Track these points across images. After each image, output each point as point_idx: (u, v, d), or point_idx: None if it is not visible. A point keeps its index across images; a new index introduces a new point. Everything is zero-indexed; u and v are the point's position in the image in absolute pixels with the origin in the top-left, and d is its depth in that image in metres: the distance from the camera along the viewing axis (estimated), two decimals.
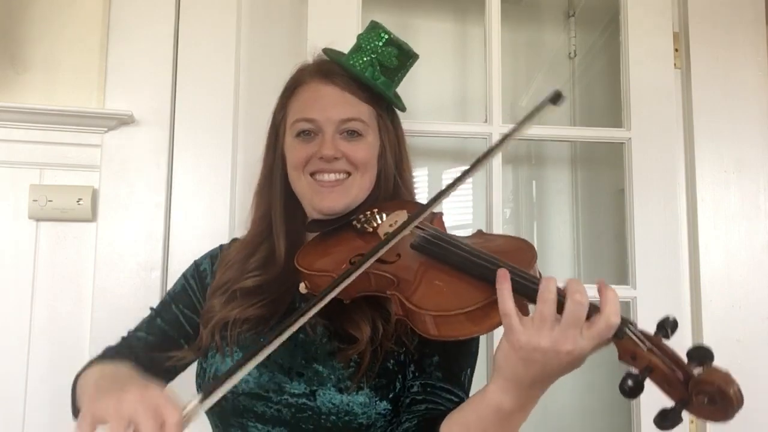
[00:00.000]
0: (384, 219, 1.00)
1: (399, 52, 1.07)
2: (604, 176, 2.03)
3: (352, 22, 1.54)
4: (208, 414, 1.00)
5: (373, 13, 1.55)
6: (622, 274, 1.67)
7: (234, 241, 1.16)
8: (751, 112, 1.71)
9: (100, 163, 1.52)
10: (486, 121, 1.62)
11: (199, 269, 1.12)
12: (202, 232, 1.53)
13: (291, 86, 1.09)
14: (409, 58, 1.09)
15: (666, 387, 0.68)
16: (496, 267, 0.77)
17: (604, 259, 2.00)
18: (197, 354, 1.02)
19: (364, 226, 1.00)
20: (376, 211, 1.02)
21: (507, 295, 0.72)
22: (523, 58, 2.13)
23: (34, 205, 1.47)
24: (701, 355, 0.68)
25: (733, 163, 1.69)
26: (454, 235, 0.94)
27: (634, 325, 0.71)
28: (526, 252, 0.85)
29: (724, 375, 0.65)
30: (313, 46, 1.15)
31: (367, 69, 1.05)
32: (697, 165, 1.68)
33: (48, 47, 1.55)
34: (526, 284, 0.74)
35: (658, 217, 1.62)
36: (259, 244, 1.06)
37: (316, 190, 1.02)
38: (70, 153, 1.51)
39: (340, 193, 1.02)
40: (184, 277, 1.12)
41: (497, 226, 1.57)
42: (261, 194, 1.11)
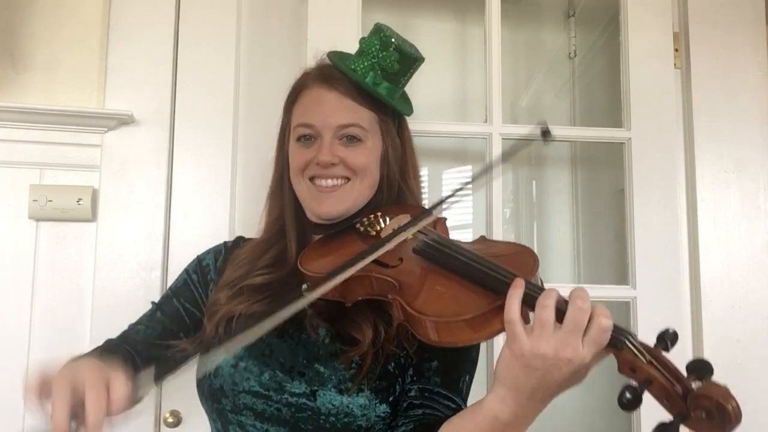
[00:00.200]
0: (387, 223, 1.00)
1: (400, 56, 1.06)
2: (604, 176, 2.03)
3: (352, 23, 1.54)
4: (207, 411, 1.00)
5: (373, 13, 1.55)
6: (622, 274, 1.67)
7: (239, 239, 1.17)
8: (751, 112, 1.71)
9: (100, 163, 1.52)
10: (486, 121, 1.62)
11: (201, 264, 1.12)
12: (202, 232, 1.53)
13: (295, 90, 1.10)
14: (413, 61, 1.08)
15: (664, 401, 0.68)
16: (498, 274, 0.77)
17: (604, 259, 2.00)
18: (198, 347, 1.02)
19: (368, 230, 1.00)
20: (380, 214, 1.02)
21: (515, 303, 0.71)
22: (523, 58, 2.13)
23: (34, 205, 1.47)
24: (701, 369, 0.68)
25: (733, 163, 1.69)
26: (457, 240, 0.94)
27: (633, 336, 0.70)
28: (528, 259, 0.85)
29: (723, 390, 0.64)
30: (315, 48, 1.15)
31: (368, 74, 1.05)
32: (697, 165, 1.68)
33: (48, 47, 1.55)
34: (529, 292, 0.73)
35: (658, 217, 1.62)
36: (271, 246, 1.07)
37: (314, 195, 1.03)
38: (70, 153, 1.51)
39: (338, 199, 1.02)
40: (186, 271, 1.12)
41: (497, 226, 1.57)
42: (273, 197, 1.12)
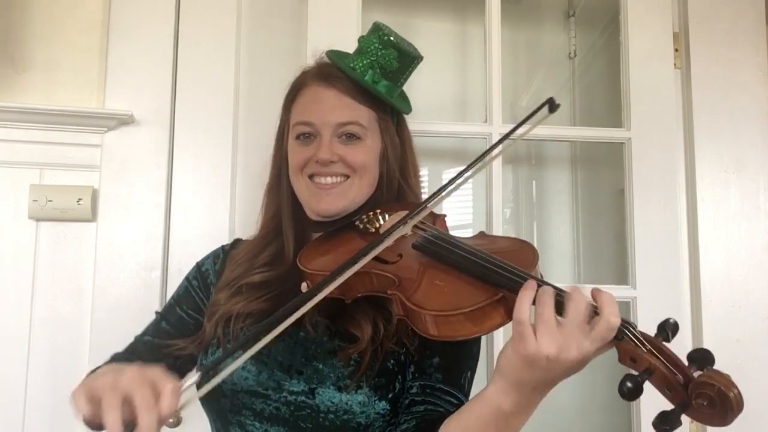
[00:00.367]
0: (386, 220, 1.00)
1: (399, 54, 1.07)
2: (604, 176, 2.03)
3: (352, 22, 1.54)
4: (207, 411, 1.00)
5: (373, 13, 1.55)
6: (622, 274, 1.67)
7: (237, 241, 1.17)
8: (751, 112, 1.71)
9: (100, 163, 1.52)
10: (486, 121, 1.62)
11: (201, 270, 1.12)
12: (202, 232, 1.53)
13: (294, 89, 1.10)
14: (412, 59, 1.09)
15: (666, 390, 0.68)
16: (497, 267, 0.77)
17: (604, 259, 2.00)
18: (198, 347, 1.02)
19: (367, 227, 1.00)
20: (379, 212, 1.02)
21: (526, 303, 0.71)
22: (523, 58, 2.13)
23: (34, 205, 1.47)
24: (702, 358, 0.68)
25: (733, 163, 1.69)
26: (457, 236, 0.94)
27: (634, 326, 0.71)
28: (528, 253, 0.85)
29: (725, 378, 0.64)
30: (314, 48, 1.15)
31: (366, 72, 1.05)
32: (697, 165, 1.68)
33: (48, 47, 1.55)
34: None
35: (658, 217, 1.62)
36: (268, 243, 1.08)
37: (313, 193, 1.03)
38: (70, 153, 1.51)
39: (337, 196, 1.03)
40: (187, 279, 1.13)
41: (497, 226, 1.57)
42: (270, 195, 1.12)
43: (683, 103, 1.72)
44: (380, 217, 1.01)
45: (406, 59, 1.08)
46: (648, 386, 0.68)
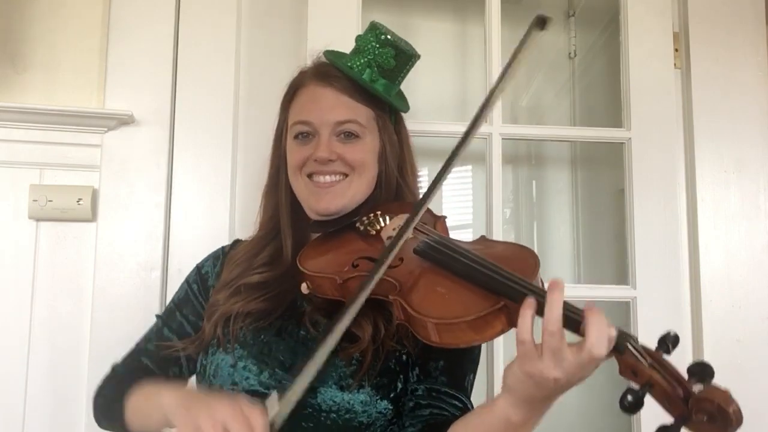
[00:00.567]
0: (387, 222, 1.00)
1: (396, 52, 1.07)
2: (604, 176, 2.03)
3: (352, 22, 1.54)
4: None
5: (373, 13, 1.55)
6: (622, 274, 1.67)
7: (236, 242, 1.17)
8: (751, 112, 1.71)
9: (100, 163, 1.52)
10: (486, 121, 1.62)
11: (201, 272, 1.12)
12: (202, 232, 1.53)
13: (292, 89, 1.11)
14: (408, 58, 1.09)
15: (666, 403, 0.68)
16: (500, 276, 0.77)
17: (604, 259, 2.00)
18: (198, 348, 1.02)
19: (367, 229, 1.00)
20: (380, 213, 1.02)
21: (528, 322, 0.71)
22: (523, 58, 2.13)
23: (34, 205, 1.47)
24: (702, 372, 0.68)
25: (733, 163, 1.69)
26: (457, 240, 0.94)
27: (635, 339, 0.71)
28: (529, 260, 0.85)
29: (724, 394, 0.65)
30: (313, 48, 1.16)
31: (364, 71, 1.06)
32: (697, 165, 1.68)
33: (48, 47, 1.55)
34: (539, 300, 0.73)
35: (658, 217, 1.62)
36: (267, 243, 1.08)
37: (312, 191, 1.04)
38: (70, 153, 1.51)
39: (336, 195, 1.03)
40: (187, 282, 1.12)
41: (497, 226, 1.57)
42: (268, 195, 1.12)
43: (683, 103, 1.72)
44: (381, 219, 1.01)
45: (403, 57, 1.08)
46: (648, 399, 0.68)
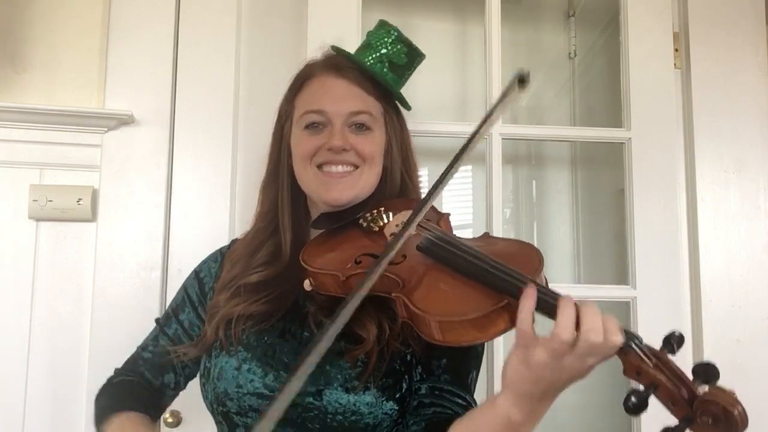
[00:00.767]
0: (391, 218, 0.99)
1: (408, 49, 1.08)
2: (604, 176, 2.03)
3: (352, 22, 1.54)
4: (212, 414, 1.00)
5: (373, 13, 1.54)
6: (622, 274, 1.67)
7: (234, 242, 1.16)
8: (751, 112, 1.71)
9: (100, 163, 1.52)
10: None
11: (198, 276, 1.11)
12: (202, 232, 1.53)
13: (299, 80, 1.09)
14: (417, 56, 1.10)
15: (670, 405, 0.68)
16: (504, 274, 0.77)
17: (604, 259, 2.00)
18: (200, 351, 1.02)
19: (371, 225, 0.99)
20: (383, 209, 1.01)
21: (528, 312, 0.71)
22: (523, 58, 2.13)
23: (34, 205, 1.47)
24: (707, 373, 0.67)
25: (733, 163, 1.69)
26: (461, 237, 0.93)
27: (640, 340, 0.70)
28: (533, 258, 0.84)
29: (730, 396, 0.64)
30: (313, 48, 1.15)
31: (376, 65, 1.06)
32: (697, 165, 1.68)
33: (48, 47, 1.55)
34: (539, 296, 0.73)
35: (658, 217, 1.62)
36: (265, 240, 1.06)
37: (322, 182, 1.01)
38: (70, 153, 1.51)
39: (347, 186, 1.01)
40: (184, 288, 1.11)
41: (497, 226, 1.57)
42: (267, 189, 1.10)
43: (683, 103, 1.72)
44: (384, 216, 1.00)
45: (414, 55, 1.09)
46: (652, 400, 0.68)
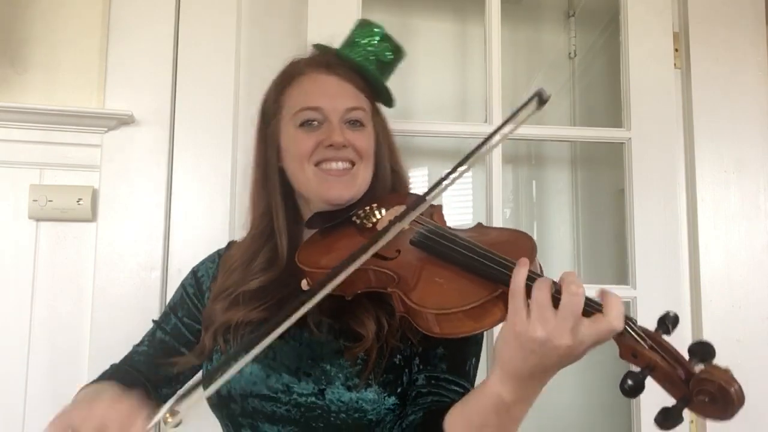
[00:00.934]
0: (384, 214, 0.99)
1: (393, 47, 1.09)
2: (604, 176, 2.03)
3: (352, 22, 1.53)
4: (217, 416, 1.00)
5: (373, 13, 1.55)
6: (622, 274, 1.67)
7: (231, 244, 1.15)
8: (751, 112, 1.71)
9: (100, 163, 1.52)
10: (486, 121, 1.62)
11: (196, 276, 1.11)
12: (202, 232, 1.53)
13: (286, 79, 1.07)
14: (401, 54, 1.12)
15: (667, 385, 0.68)
16: (497, 264, 0.77)
17: (604, 259, 2.00)
18: (200, 358, 1.02)
19: (364, 222, 0.99)
20: (376, 206, 1.01)
21: (522, 276, 0.72)
22: (523, 58, 2.13)
23: (34, 205, 1.47)
24: (702, 352, 0.68)
25: (733, 163, 1.69)
26: (454, 229, 0.94)
27: (634, 322, 0.71)
28: (526, 245, 0.85)
29: (725, 374, 0.65)
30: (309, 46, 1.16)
31: (365, 62, 1.07)
32: (697, 165, 1.68)
33: (48, 47, 1.55)
34: (531, 275, 0.74)
35: (658, 217, 1.62)
36: (262, 245, 1.05)
37: (323, 179, 1.00)
38: (70, 153, 1.51)
39: (348, 182, 1.01)
40: (183, 286, 1.11)
41: (497, 225, 1.57)
42: (258, 193, 1.08)
43: (683, 103, 1.72)
44: (377, 212, 1.00)
45: (398, 53, 1.11)
46: (649, 385, 0.68)
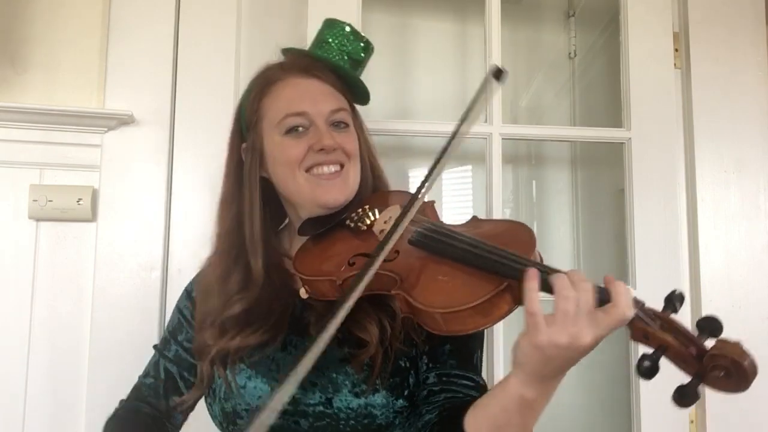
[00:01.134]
0: (377, 215, 0.98)
1: (364, 45, 1.09)
2: (604, 176, 2.03)
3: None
4: (222, 430, 0.99)
5: (373, 13, 1.55)
6: (622, 274, 1.67)
7: (196, 278, 1.11)
8: (751, 112, 1.71)
9: (100, 163, 1.52)
10: (486, 121, 1.62)
11: (190, 296, 1.09)
12: (202, 232, 1.52)
13: (262, 85, 1.05)
14: (371, 51, 1.12)
15: (681, 363, 0.69)
16: (499, 257, 0.77)
17: (604, 259, 2.00)
18: (203, 391, 1.00)
19: (358, 225, 0.98)
20: (368, 207, 1.00)
21: (534, 295, 0.71)
22: (523, 58, 2.13)
23: (34, 205, 1.47)
24: (711, 327, 0.69)
25: (733, 163, 1.69)
26: (450, 225, 0.93)
27: (643, 304, 0.71)
28: (524, 236, 0.84)
29: (737, 347, 0.65)
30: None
31: (340, 62, 1.07)
32: (697, 165, 1.68)
33: (48, 47, 1.55)
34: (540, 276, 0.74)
35: (658, 217, 1.62)
36: (233, 263, 1.00)
37: (316, 184, 0.99)
38: (70, 153, 1.51)
39: (341, 185, 1.00)
40: (178, 308, 1.09)
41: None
42: (226, 205, 1.04)
43: (683, 103, 1.72)
44: (370, 213, 0.98)
45: (369, 51, 1.11)
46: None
